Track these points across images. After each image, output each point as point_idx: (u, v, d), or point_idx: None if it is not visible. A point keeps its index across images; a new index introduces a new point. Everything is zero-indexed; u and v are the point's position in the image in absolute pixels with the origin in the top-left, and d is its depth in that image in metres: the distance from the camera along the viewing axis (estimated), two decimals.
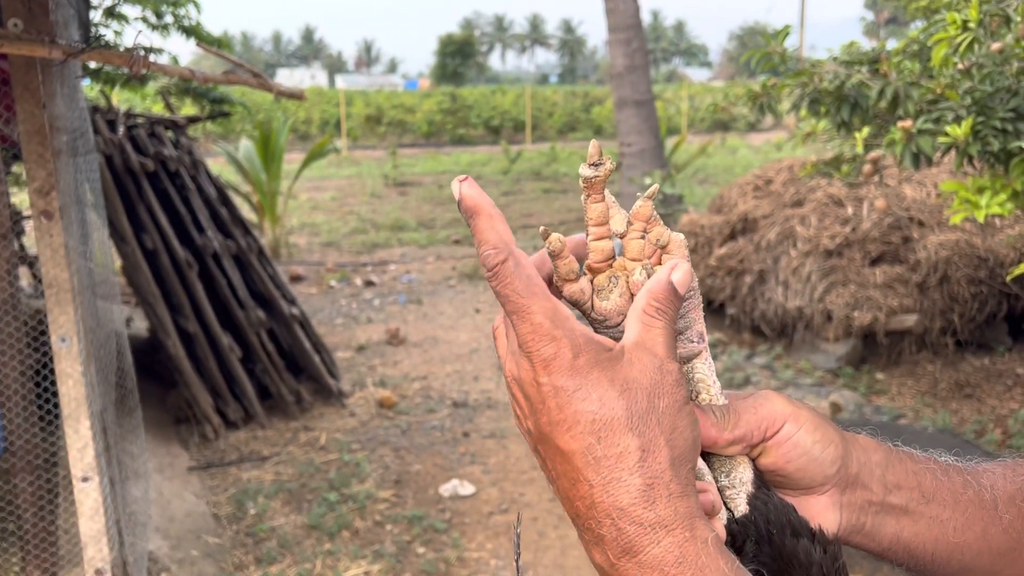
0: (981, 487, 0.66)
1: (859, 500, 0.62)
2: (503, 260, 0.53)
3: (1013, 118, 2.90)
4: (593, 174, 0.55)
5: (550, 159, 19.26)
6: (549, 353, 0.52)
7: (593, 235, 0.59)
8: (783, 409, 0.60)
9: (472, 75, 77.14)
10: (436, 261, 9.45)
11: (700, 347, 0.61)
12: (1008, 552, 0.65)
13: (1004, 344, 5.60)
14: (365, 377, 5.53)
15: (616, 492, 0.51)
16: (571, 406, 0.52)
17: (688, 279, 0.58)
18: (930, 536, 0.63)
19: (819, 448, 0.60)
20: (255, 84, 2.02)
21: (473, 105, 28.08)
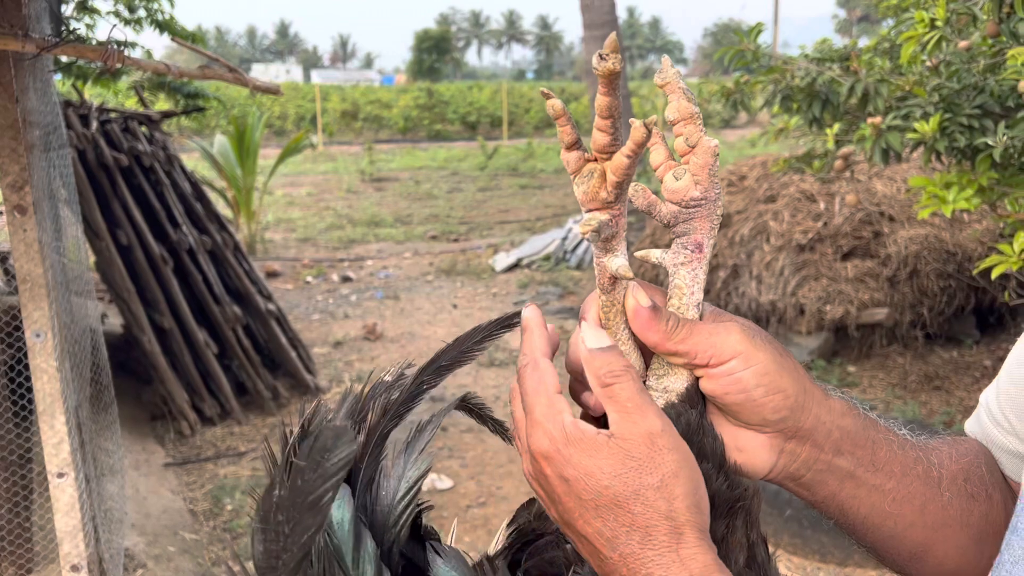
0: (930, 464, 0.69)
1: (805, 454, 0.63)
2: (525, 364, 0.63)
3: (979, 115, 2.96)
4: (596, 64, 0.58)
5: (527, 155, 19.28)
6: (544, 447, 0.59)
7: (595, 124, 0.61)
8: (736, 345, 0.61)
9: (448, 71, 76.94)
10: (413, 257, 9.44)
11: (692, 256, 0.63)
12: (943, 528, 0.68)
13: (972, 337, 5.70)
14: (342, 373, 5.53)
15: (633, 564, 0.56)
16: (575, 493, 0.58)
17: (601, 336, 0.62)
18: (867, 502, 0.66)
19: (761, 392, 0.61)
20: (231, 79, 2.02)
21: (450, 101, 28.05)
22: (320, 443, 0.60)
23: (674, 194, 0.62)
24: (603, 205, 0.62)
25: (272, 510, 0.60)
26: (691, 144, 0.62)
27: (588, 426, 0.59)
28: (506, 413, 0.71)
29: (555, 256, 8.37)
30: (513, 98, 28.65)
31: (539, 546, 0.74)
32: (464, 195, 14.34)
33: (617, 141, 0.61)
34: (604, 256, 0.63)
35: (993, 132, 2.85)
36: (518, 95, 29.84)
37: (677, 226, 0.63)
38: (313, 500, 0.59)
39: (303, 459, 0.60)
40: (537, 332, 0.64)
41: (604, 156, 0.61)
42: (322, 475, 0.59)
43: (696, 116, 0.62)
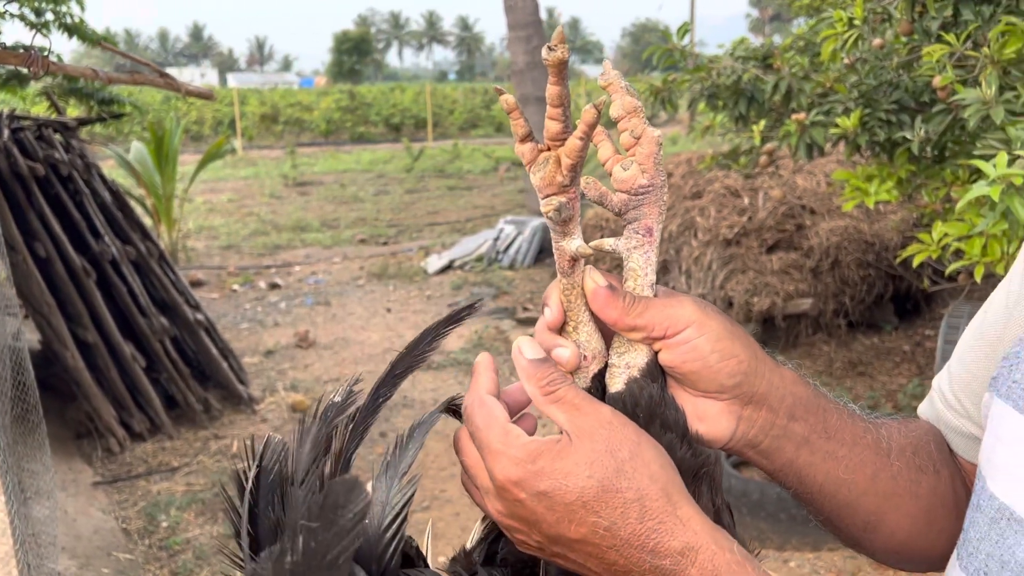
0: (879, 436, 0.72)
1: (761, 419, 0.66)
2: (470, 403, 0.64)
3: (896, 110, 3.08)
4: (544, 55, 0.60)
5: (453, 156, 19.24)
6: (512, 474, 0.59)
7: (547, 114, 0.63)
8: (690, 315, 0.63)
9: (369, 72, 76.19)
10: (343, 261, 9.32)
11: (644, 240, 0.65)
12: (893, 496, 0.72)
13: (891, 323, 5.93)
14: (275, 382, 5.42)
15: (639, 542, 0.58)
16: (559, 501, 0.58)
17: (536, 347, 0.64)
18: (822, 468, 0.68)
19: (716, 358, 0.63)
20: (162, 84, 1.95)
21: (372, 103, 27.78)
22: (331, 500, 0.57)
23: (623, 183, 0.65)
24: (559, 189, 0.64)
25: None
26: (636, 136, 0.65)
27: (545, 438, 0.60)
28: (443, 417, 0.71)
29: (488, 257, 8.38)
30: (437, 99, 28.54)
31: None
32: (391, 197, 14.22)
33: (568, 128, 0.63)
34: (563, 239, 0.65)
35: (910, 126, 2.97)
36: (441, 96, 29.74)
37: (627, 213, 0.66)
38: (331, 560, 0.57)
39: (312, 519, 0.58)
40: (485, 375, 0.65)
41: (557, 144, 0.64)
42: (338, 533, 0.57)
43: (639, 110, 0.65)
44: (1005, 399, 0.63)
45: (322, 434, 0.67)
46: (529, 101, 8.94)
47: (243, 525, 0.63)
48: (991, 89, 2.37)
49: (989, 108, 2.38)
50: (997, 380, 0.66)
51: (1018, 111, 2.38)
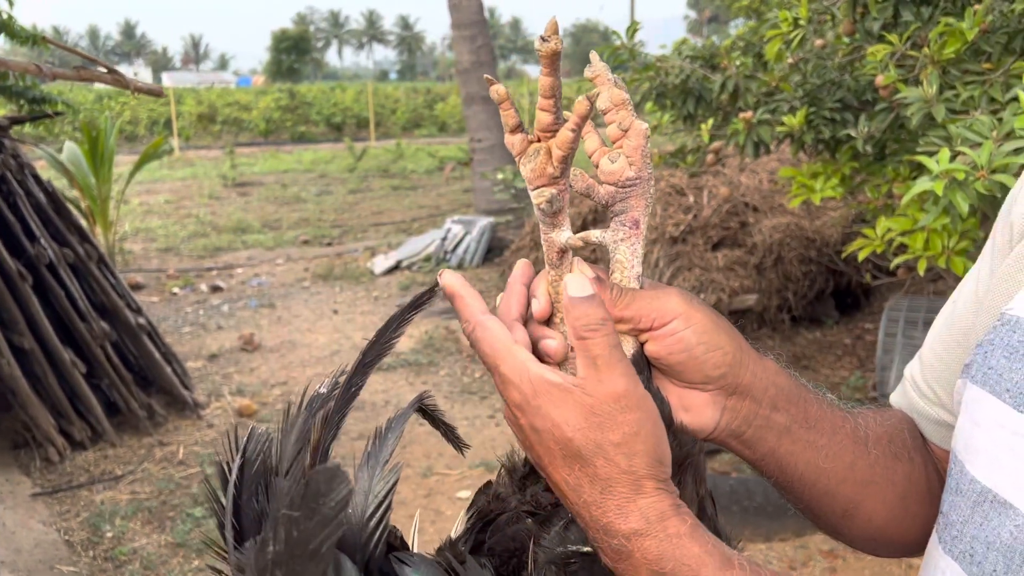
0: (857, 425, 0.74)
1: (745, 410, 0.67)
2: (471, 329, 0.63)
3: (840, 108, 3.15)
4: (537, 46, 0.60)
5: (397, 156, 19.11)
6: (515, 398, 0.61)
7: (538, 105, 0.63)
8: (677, 307, 0.64)
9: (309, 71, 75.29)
10: (286, 263, 9.18)
11: (631, 232, 0.65)
12: (870, 484, 0.73)
13: (832, 317, 6.08)
14: (221, 386, 5.31)
15: (595, 512, 0.60)
16: (544, 442, 0.61)
17: (585, 284, 0.63)
18: (803, 457, 0.70)
19: (702, 350, 0.64)
20: (109, 80, 1.88)
21: (313, 102, 27.43)
22: (313, 488, 0.57)
23: (610, 176, 0.65)
24: (550, 180, 0.63)
25: (268, 568, 0.57)
26: (624, 128, 0.65)
27: (553, 375, 0.61)
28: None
29: (436, 257, 8.34)
30: (379, 99, 28.31)
31: (500, 523, 0.76)
32: (334, 198, 14.06)
33: (559, 120, 0.63)
34: (552, 231, 0.65)
35: (854, 124, 3.05)
36: (383, 96, 29.51)
37: (615, 205, 0.66)
38: (314, 549, 0.57)
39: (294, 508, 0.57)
40: (467, 294, 0.65)
41: (547, 135, 0.64)
42: (320, 522, 0.57)
43: (627, 102, 0.65)
44: (981, 385, 0.65)
45: (307, 425, 0.66)
46: (475, 100, 8.93)
47: (227, 517, 0.62)
48: (932, 88, 2.45)
49: (931, 106, 2.45)
50: (971, 367, 0.67)
51: (958, 109, 2.46)
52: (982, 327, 0.70)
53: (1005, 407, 0.61)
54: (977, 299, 0.74)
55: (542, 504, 0.74)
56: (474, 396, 5.02)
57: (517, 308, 0.67)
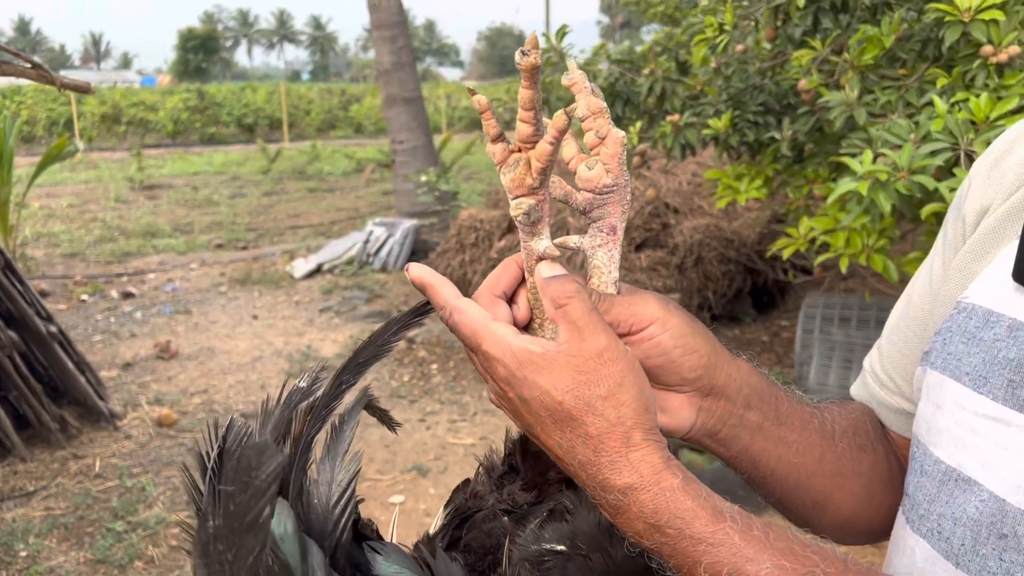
0: (824, 419, 0.77)
1: (720, 410, 0.69)
2: (448, 315, 0.65)
3: (763, 112, 3.25)
4: (518, 60, 0.61)
5: (312, 157, 18.78)
6: (501, 373, 0.63)
7: (519, 116, 0.64)
8: (654, 311, 0.66)
9: (217, 71, 73.38)
10: (201, 268, 8.91)
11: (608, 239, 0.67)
12: (838, 476, 0.76)
13: (750, 315, 6.27)
14: (137, 396, 5.11)
15: (590, 471, 0.60)
16: (534, 411, 0.62)
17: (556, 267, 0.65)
18: (775, 453, 0.72)
19: (679, 353, 0.66)
20: (34, 76, 1.78)
21: (223, 102, 26.73)
22: (244, 462, 0.58)
23: (587, 182, 0.66)
24: (529, 191, 0.65)
25: (210, 542, 0.58)
26: (601, 136, 0.66)
27: (535, 343, 0.62)
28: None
29: (358, 260, 8.22)
30: (292, 99, 27.78)
31: (476, 520, 0.77)
32: (248, 200, 13.73)
33: (539, 131, 0.64)
34: (531, 240, 0.66)
35: (776, 127, 3.15)
36: (296, 96, 28.98)
37: (592, 212, 0.68)
38: (251, 521, 0.58)
39: (228, 483, 0.59)
40: (437, 282, 0.66)
41: (527, 146, 0.65)
42: (254, 494, 0.58)
43: (604, 111, 0.66)
44: (941, 370, 0.68)
45: (284, 418, 0.67)
46: (396, 102, 8.85)
47: (206, 503, 0.62)
48: (854, 92, 2.55)
49: (852, 110, 2.56)
50: (930, 354, 0.71)
51: (876, 113, 2.57)
52: (939, 316, 0.73)
53: (965, 389, 0.65)
54: (932, 291, 0.77)
55: (518, 503, 0.76)
56: (403, 400, 4.97)
57: (506, 281, 0.68)
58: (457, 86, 34.35)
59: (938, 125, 2.27)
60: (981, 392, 0.63)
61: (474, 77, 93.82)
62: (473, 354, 0.66)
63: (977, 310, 0.67)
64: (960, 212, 0.75)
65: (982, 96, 2.22)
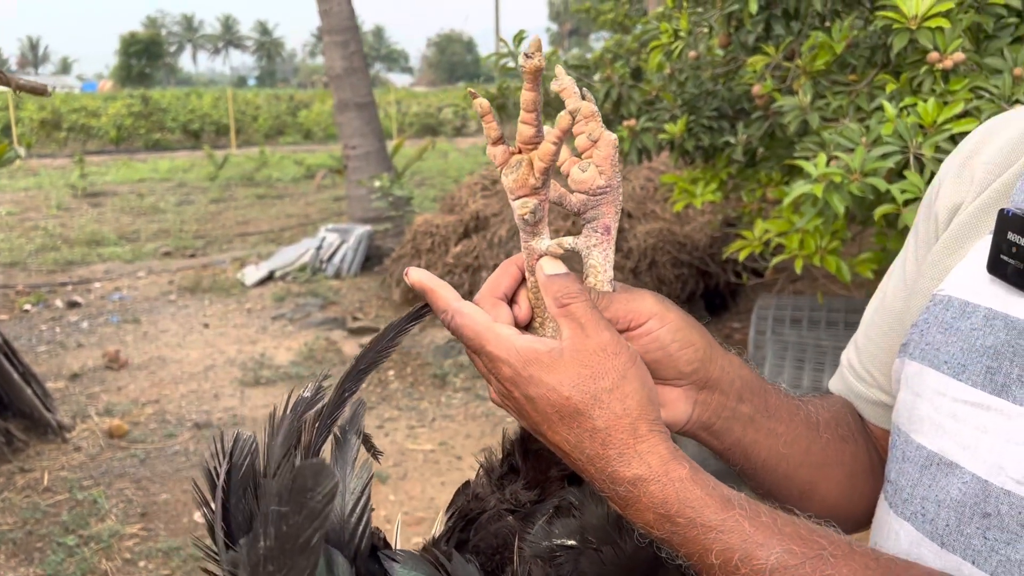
0: (809, 411, 0.80)
1: (715, 402, 0.71)
2: (450, 318, 0.66)
3: (717, 117, 3.31)
4: (521, 63, 0.62)
5: (260, 164, 18.53)
6: (507, 373, 0.63)
7: (520, 118, 0.65)
8: (652, 307, 0.68)
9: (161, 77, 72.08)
10: (148, 276, 8.73)
11: (602, 238, 0.68)
12: (823, 466, 0.79)
13: (703, 318, 6.35)
14: (86, 407, 4.99)
15: (599, 464, 0.61)
16: (540, 409, 0.63)
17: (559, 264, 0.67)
18: (765, 445, 0.74)
19: (676, 347, 0.68)
20: None
21: (168, 108, 26.23)
22: (300, 483, 0.58)
23: (581, 184, 0.68)
24: (532, 191, 0.66)
25: (260, 563, 0.58)
26: (593, 139, 0.67)
27: (539, 342, 0.64)
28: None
29: (311, 266, 8.13)
30: (239, 105, 27.38)
31: (482, 522, 0.77)
32: (196, 208, 13.49)
33: (540, 133, 0.65)
34: (532, 239, 0.68)
35: (731, 132, 3.21)
36: (243, 102, 28.57)
37: (586, 213, 0.69)
38: (303, 542, 0.58)
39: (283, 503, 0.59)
40: (437, 286, 0.67)
41: (529, 147, 0.66)
42: (309, 515, 0.58)
43: (596, 114, 0.68)
44: (919, 360, 0.71)
45: (293, 427, 0.67)
46: (348, 107, 8.78)
47: (217, 519, 0.62)
48: (807, 97, 2.62)
49: (806, 114, 2.62)
50: (908, 346, 0.74)
51: (829, 117, 2.64)
52: (915, 310, 0.76)
53: (944, 377, 0.68)
54: (906, 286, 0.80)
55: (522, 501, 0.76)
56: None
57: (507, 284, 0.69)
58: (407, 92, 34.28)
59: (888, 129, 2.34)
60: (960, 379, 0.66)
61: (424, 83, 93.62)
62: (476, 356, 0.66)
63: (953, 302, 0.70)
64: (932, 211, 0.78)
65: (929, 101, 2.29)
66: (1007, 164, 0.72)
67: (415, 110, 29.46)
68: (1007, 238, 0.65)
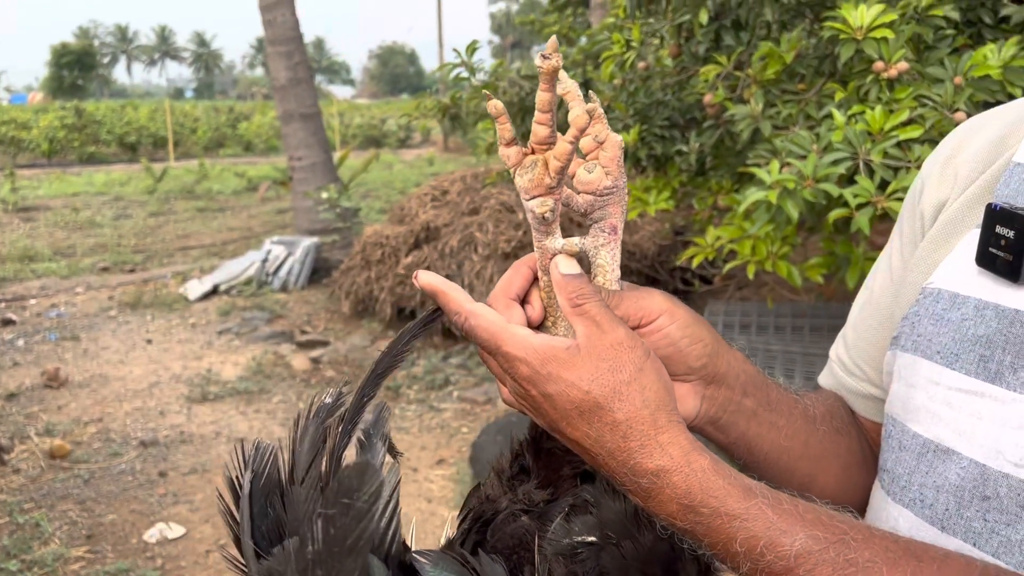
0: (806, 405, 0.81)
1: (721, 397, 0.72)
2: (464, 320, 0.65)
3: (668, 126, 3.36)
4: (539, 64, 0.62)
5: (200, 176, 18.19)
6: (524, 372, 0.63)
7: (535, 119, 0.65)
8: (661, 304, 0.69)
9: (95, 88, 70.41)
10: (87, 292, 8.48)
11: (610, 238, 0.69)
12: (821, 459, 0.81)
13: None
14: (25, 427, 4.81)
15: (621, 457, 0.62)
16: (559, 406, 0.63)
17: (574, 264, 0.67)
18: (768, 438, 0.76)
19: (686, 343, 0.69)
20: None
21: (103, 120, 25.58)
22: (345, 484, 0.59)
23: (588, 185, 0.69)
24: (547, 191, 0.66)
25: (308, 568, 0.58)
26: (600, 140, 0.68)
27: (556, 340, 0.64)
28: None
29: (257, 279, 7.99)
30: (177, 117, 26.85)
31: (498, 524, 0.77)
32: (134, 222, 13.17)
33: (555, 133, 0.65)
34: (545, 239, 0.68)
35: (682, 141, 3.26)
36: (181, 114, 28.05)
37: (593, 213, 0.70)
38: (351, 544, 0.58)
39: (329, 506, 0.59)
40: (448, 288, 0.67)
41: (543, 147, 0.66)
42: (355, 516, 0.58)
43: (601, 116, 0.68)
44: (912, 351, 0.73)
45: (318, 433, 0.66)
46: (294, 118, 8.68)
47: (244, 530, 0.62)
48: (759, 105, 2.67)
49: (758, 122, 2.68)
50: (899, 338, 0.76)
51: (779, 125, 2.70)
52: (905, 303, 0.79)
53: (938, 367, 0.70)
54: (893, 283, 0.83)
55: (535, 501, 0.76)
56: None
57: (518, 284, 0.69)
58: (349, 104, 34.00)
59: (838, 136, 2.40)
60: (954, 368, 0.68)
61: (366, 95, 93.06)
62: (491, 357, 0.66)
63: (943, 294, 0.72)
64: (917, 209, 0.81)
65: (876, 109, 2.36)
66: (990, 161, 0.74)
67: (358, 122, 29.26)
68: (995, 231, 0.67)
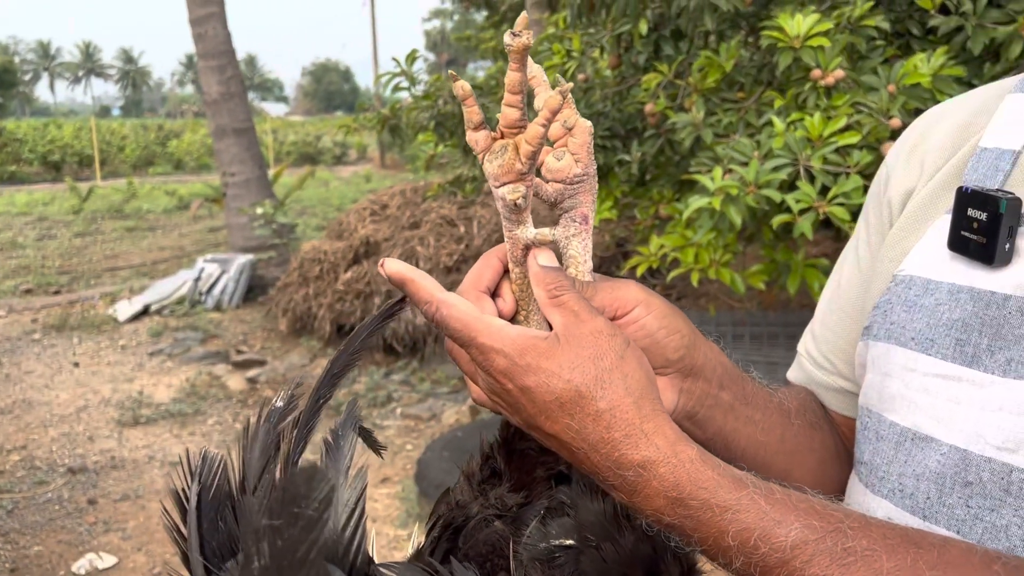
0: (780, 399, 0.80)
1: (699, 390, 0.70)
2: (435, 310, 0.62)
3: (609, 136, 3.37)
4: (508, 42, 0.59)
5: (129, 195, 17.70)
6: (501, 365, 0.60)
7: (504, 100, 0.61)
8: (637, 295, 0.66)
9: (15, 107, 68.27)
10: (8, 315, 8.14)
11: (581, 228, 0.66)
12: (796, 453, 0.79)
13: None
14: None
15: (604, 450, 0.59)
16: (538, 399, 0.60)
17: (552, 256, 0.65)
18: (744, 433, 0.74)
19: (663, 334, 0.66)
20: None
21: (25, 139, 24.74)
22: (291, 492, 0.52)
23: (557, 173, 0.66)
24: (518, 177, 0.62)
25: None
26: (569, 126, 0.65)
27: (532, 331, 0.61)
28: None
29: (190, 299, 7.77)
30: (103, 135, 26.14)
31: (470, 530, 0.73)
32: (58, 242, 12.72)
33: (525, 116, 0.62)
34: (516, 228, 0.65)
35: (624, 151, 3.27)
36: (108, 132, 27.31)
37: (563, 202, 0.67)
38: (301, 557, 0.52)
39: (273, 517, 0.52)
40: (417, 276, 0.64)
41: (513, 131, 0.63)
42: (304, 527, 0.52)
43: (570, 101, 0.65)
44: (886, 340, 0.72)
45: (270, 439, 0.62)
46: (227, 133, 8.50)
47: (192, 546, 0.57)
48: (700, 114, 2.70)
49: (699, 130, 2.70)
50: (871, 328, 0.74)
51: (720, 133, 2.73)
52: (875, 293, 0.77)
53: (913, 353, 0.68)
54: (861, 273, 0.82)
55: (508, 505, 0.73)
56: None
57: (489, 276, 0.66)
58: (283, 121, 33.60)
59: (779, 143, 2.43)
60: (929, 353, 0.67)
61: (299, 112, 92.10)
62: (463, 349, 0.63)
63: (916, 280, 0.71)
64: (883, 199, 0.80)
65: (815, 116, 2.40)
66: (956, 147, 0.74)
67: (292, 139, 28.91)
68: (967, 214, 0.66)
